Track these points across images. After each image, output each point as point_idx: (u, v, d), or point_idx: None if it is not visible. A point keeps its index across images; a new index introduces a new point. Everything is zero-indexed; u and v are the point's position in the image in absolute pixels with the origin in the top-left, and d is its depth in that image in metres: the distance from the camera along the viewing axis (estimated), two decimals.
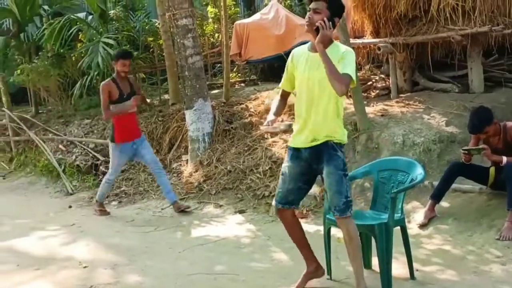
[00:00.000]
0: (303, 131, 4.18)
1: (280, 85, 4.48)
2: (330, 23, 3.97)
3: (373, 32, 9.21)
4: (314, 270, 4.49)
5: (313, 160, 4.16)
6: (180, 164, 8.65)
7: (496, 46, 8.08)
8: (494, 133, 5.53)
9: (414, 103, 7.97)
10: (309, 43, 4.23)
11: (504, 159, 5.33)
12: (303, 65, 4.18)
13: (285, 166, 4.35)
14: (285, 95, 4.50)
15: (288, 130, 4.27)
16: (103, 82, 7.23)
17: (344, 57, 4.01)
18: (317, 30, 4.00)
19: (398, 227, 4.53)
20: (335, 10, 4.09)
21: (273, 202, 4.51)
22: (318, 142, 4.11)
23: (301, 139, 4.20)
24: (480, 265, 4.77)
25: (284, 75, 4.39)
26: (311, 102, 4.12)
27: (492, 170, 5.65)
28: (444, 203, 5.95)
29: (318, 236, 5.76)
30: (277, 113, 4.43)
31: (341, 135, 4.15)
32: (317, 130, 4.11)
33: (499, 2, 7.93)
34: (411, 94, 8.54)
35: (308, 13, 4.10)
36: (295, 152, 4.26)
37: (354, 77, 3.97)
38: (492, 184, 5.71)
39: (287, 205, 4.35)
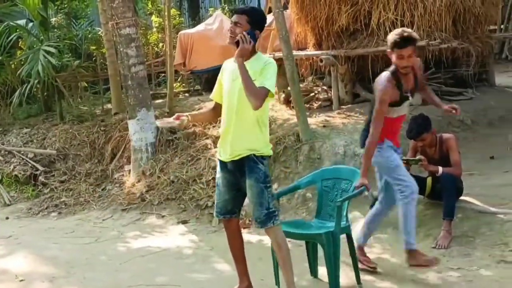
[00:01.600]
0: (225, 142, 4.19)
1: (211, 96, 4.46)
2: (249, 36, 4.01)
3: (315, 44, 9.38)
4: None
5: (237, 172, 4.19)
6: (123, 175, 8.53)
7: (433, 60, 8.36)
8: (431, 143, 5.69)
9: (355, 114, 8.14)
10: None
11: (440, 169, 5.50)
12: (227, 75, 4.20)
13: (217, 177, 4.37)
14: (216, 107, 4.44)
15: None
16: (382, 82, 4.69)
17: (264, 69, 4.05)
18: (237, 43, 4.03)
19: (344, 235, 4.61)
20: (256, 23, 4.13)
21: (214, 214, 4.52)
22: (239, 157, 4.12)
23: (224, 152, 4.22)
24: (418, 273, 4.88)
25: (215, 86, 4.39)
26: (232, 113, 4.13)
27: (429, 180, 5.81)
28: None
29: (260, 246, 5.81)
30: (194, 115, 4.44)
31: (262, 147, 4.15)
32: (237, 142, 4.11)
33: (435, 17, 8.22)
34: (352, 105, 8.71)
35: (230, 26, 4.14)
36: (222, 164, 4.28)
37: (272, 90, 4.02)
38: (429, 194, 5.86)
39: (228, 215, 4.37)
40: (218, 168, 4.36)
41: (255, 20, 4.12)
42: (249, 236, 6.23)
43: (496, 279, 4.57)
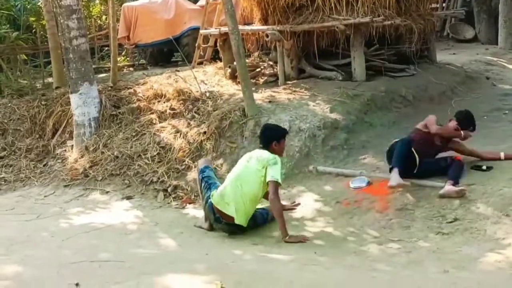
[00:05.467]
0: None
1: None
2: None
3: (261, 19, 9.35)
4: None
5: None
6: (65, 150, 8.35)
7: (377, 37, 8.46)
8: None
9: (301, 90, 8.18)
10: None
11: (502, 154, 5.94)
12: None
13: None
14: None
15: None
16: None
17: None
18: None
19: None
20: None
21: None
22: None
23: None
24: (359, 245, 5.01)
25: None
26: None
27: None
28: (327, 187, 6.17)
29: None
30: None
31: None
32: None
33: None
34: (298, 81, 8.75)
35: None
36: None
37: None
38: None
39: None
40: None
41: None
42: (194, 211, 6.24)
43: (434, 249, 4.74)
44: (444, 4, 15.17)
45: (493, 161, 5.89)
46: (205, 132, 7.31)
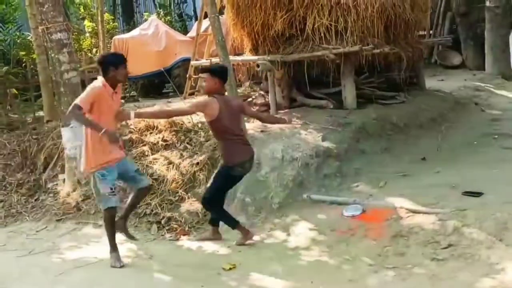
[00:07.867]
0: None
1: None
2: None
3: (252, 49, 9.43)
4: None
5: None
6: (57, 184, 8.28)
7: (367, 65, 8.56)
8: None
9: (292, 119, 8.20)
10: None
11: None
12: None
13: None
14: None
15: None
16: None
17: None
18: None
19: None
20: None
21: None
22: None
23: None
24: (354, 273, 4.98)
25: None
26: None
27: None
28: (321, 216, 6.16)
29: (200, 252, 5.77)
30: None
31: None
32: None
33: (368, 23, 8.42)
34: (289, 110, 8.80)
35: None
36: None
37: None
38: None
39: None
40: None
41: None
42: (188, 243, 6.19)
43: (429, 276, 4.73)
44: (431, 32, 15.38)
45: (483, 186, 5.92)
46: (198, 163, 7.30)
